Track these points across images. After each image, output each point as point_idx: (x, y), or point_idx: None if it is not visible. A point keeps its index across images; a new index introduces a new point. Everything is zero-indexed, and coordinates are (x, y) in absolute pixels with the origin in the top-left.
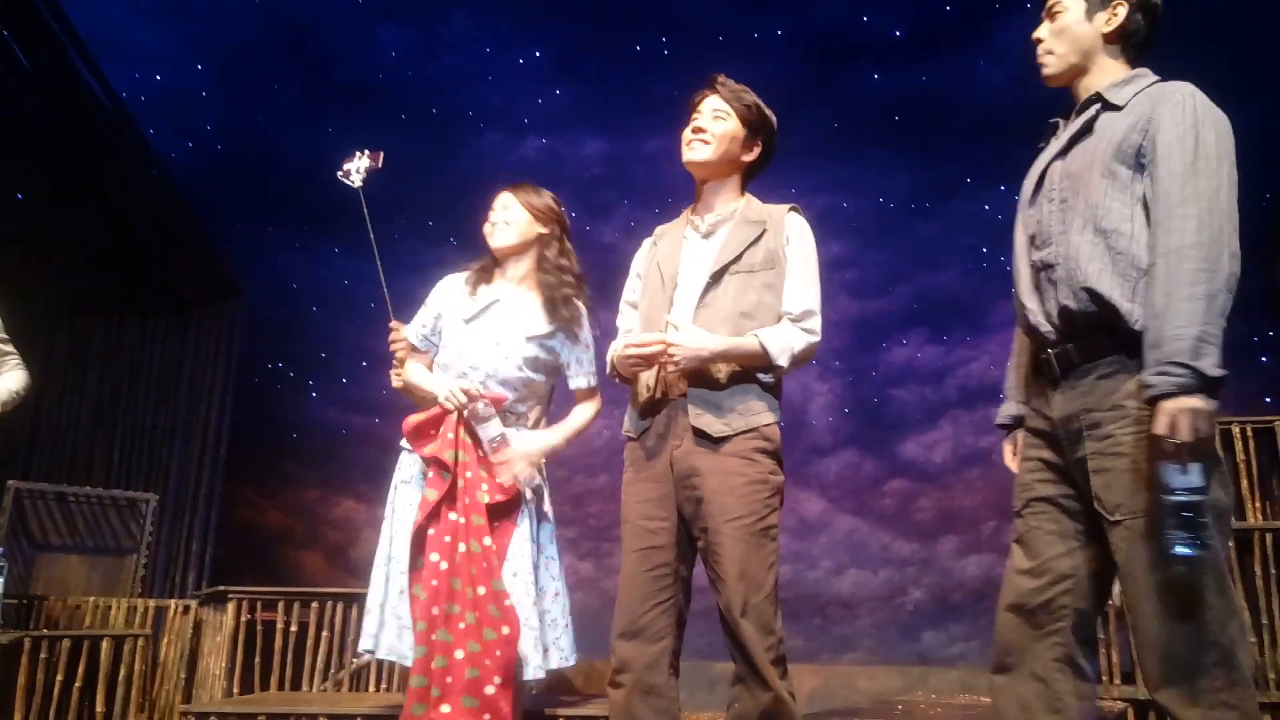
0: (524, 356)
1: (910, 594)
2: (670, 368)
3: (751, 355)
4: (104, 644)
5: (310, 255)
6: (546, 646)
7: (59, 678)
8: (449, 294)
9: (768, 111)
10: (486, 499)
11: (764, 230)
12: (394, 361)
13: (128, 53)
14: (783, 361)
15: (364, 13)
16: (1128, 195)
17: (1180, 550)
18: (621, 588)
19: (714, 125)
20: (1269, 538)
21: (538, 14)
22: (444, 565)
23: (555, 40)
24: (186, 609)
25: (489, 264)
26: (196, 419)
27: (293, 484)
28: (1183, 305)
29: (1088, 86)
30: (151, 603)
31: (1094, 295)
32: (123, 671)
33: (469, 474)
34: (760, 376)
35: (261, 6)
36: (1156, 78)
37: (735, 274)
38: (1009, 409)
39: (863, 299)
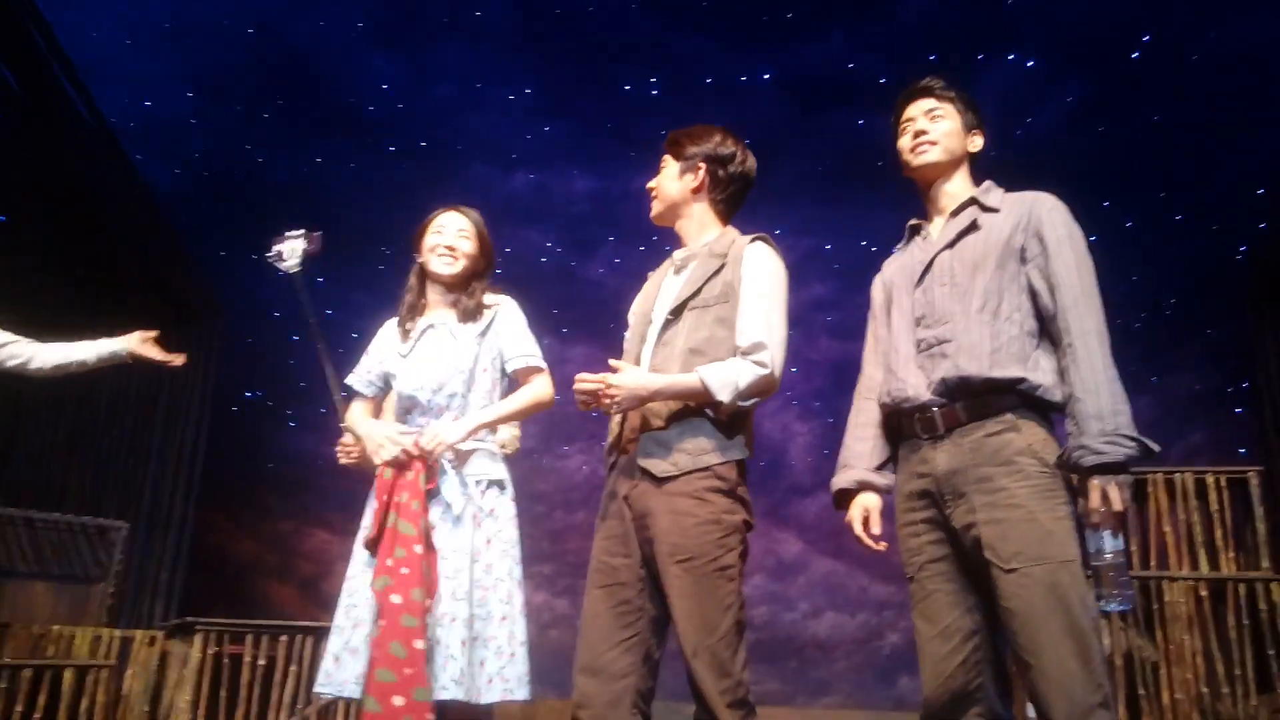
0: (462, 360)
1: (887, 637)
2: (612, 409)
3: (693, 392)
4: (66, 674)
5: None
6: (474, 674)
7: (19, 708)
8: (386, 338)
9: (700, 141)
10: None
11: (724, 263)
12: (338, 447)
13: (119, 77)
14: (723, 397)
15: (356, 43)
16: (1016, 285)
17: (1114, 607)
18: (584, 624)
19: (659, 181)
20: (1242, 588)
21: (529, 50)
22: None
23: (545, 76)
24: (153, 640)
25: (415, 299)
26: (171, 445)
27: (267, 514)
28: (1112, 384)
29: (950, 191)
30: (117, 633)
31: (992, 365)
32: (84, 703)
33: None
34: (709, 414)
35: (253, 35)
36: (1002, 189)
37: (693, 309)
38: (854, 475)
39: (844, 340)
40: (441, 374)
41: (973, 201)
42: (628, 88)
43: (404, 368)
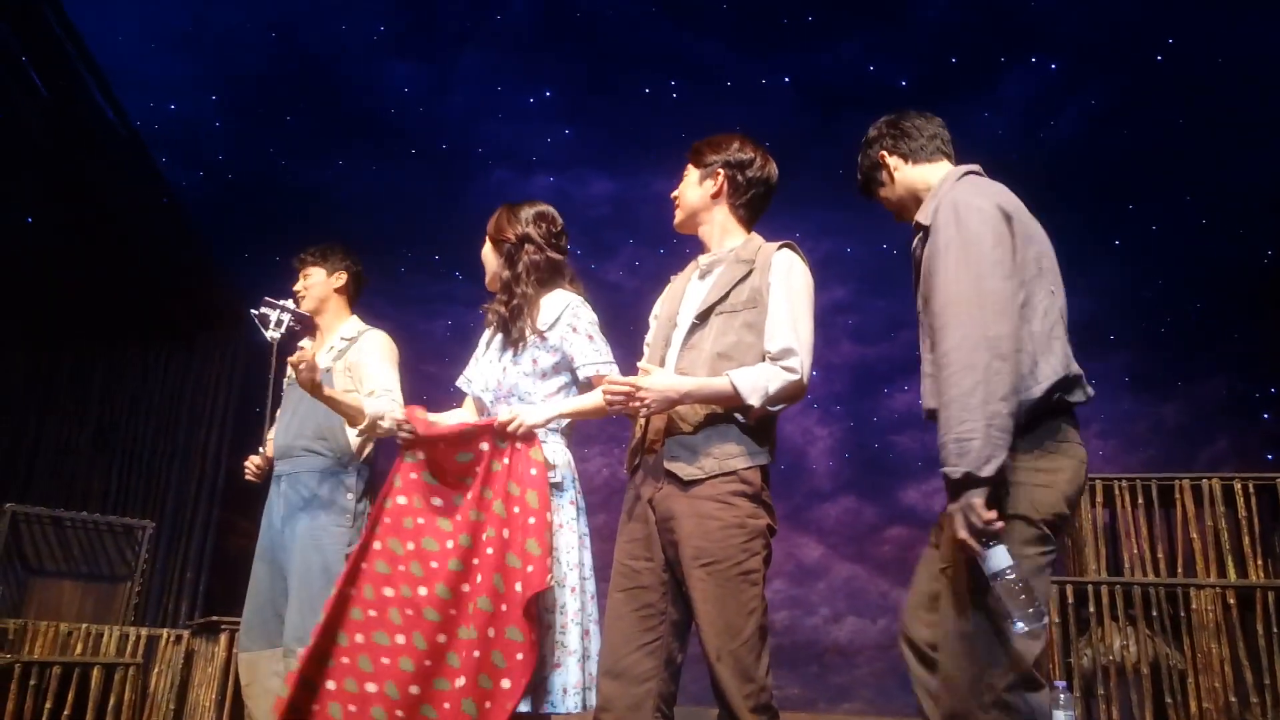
0: (523, 363)
1: None
2: (642, 412)
3: (723, 396)
4: (94, 672)
5: None
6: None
7: (48, 705)
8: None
9: (719, 147)
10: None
11: (751, 269)
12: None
13: (144, 83)
14: (753, 401)
15: (377, 48)
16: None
17: (1021, 627)
18: (606, 627)
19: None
20: (1271, 595)
21: (548, 54)
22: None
23: (565, 81)
24: (178, 638)
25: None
26: (195, 446)
27: None
28: (954, 403)
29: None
30: (144, 631)
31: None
32: (112, 700)
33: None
34: (738, 418)
35: (276, 40)
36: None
37: (720, 314)
38: None
39: (864, 344)
40: (505, 379)
41: (921, 227)
42: (647, 91)
43: (478, 368)
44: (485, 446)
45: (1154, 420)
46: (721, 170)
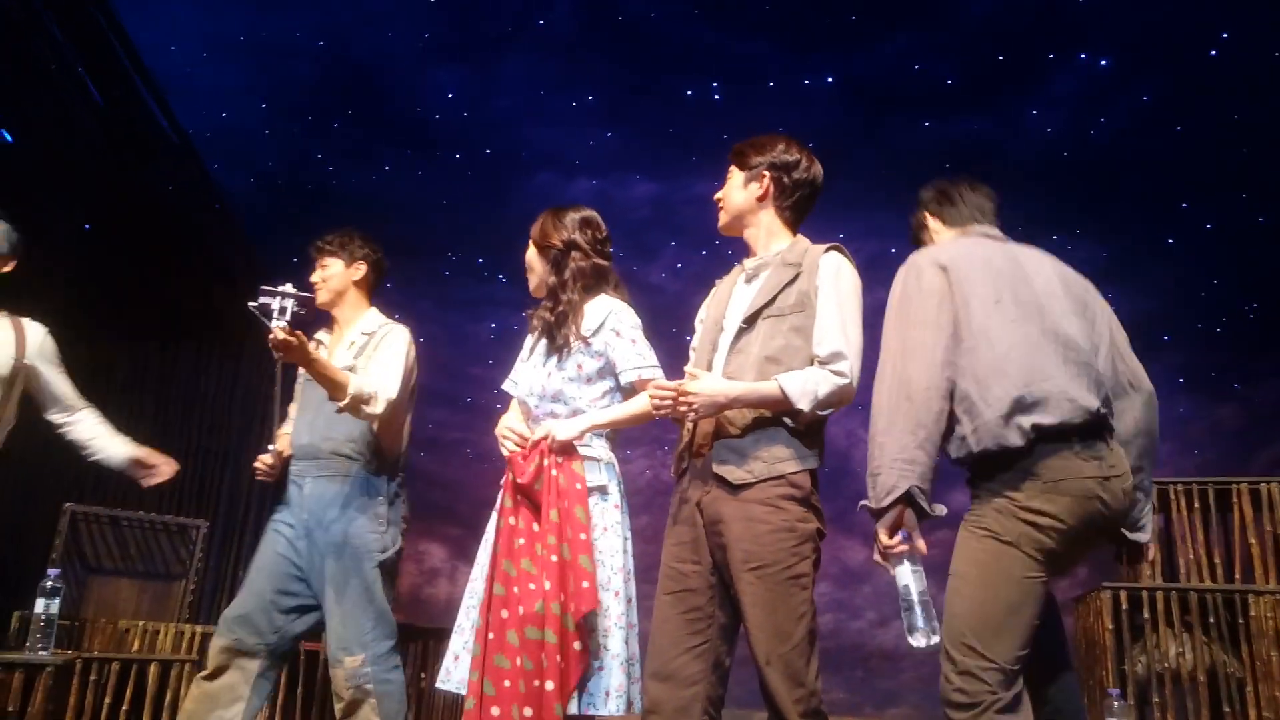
0: (567, 368)
1: None
2: (690, 416)
3: (772, 400)
4: (151, 668)
5: None
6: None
7: (107, 700)
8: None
9: (764, 149)
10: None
11: (799, 272)
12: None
13: (196, 92)
14: (803, 405)
15: (421, 55)
16: None
17: (918, 639)
18: (654, 630)
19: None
20: None
21: (590, 58)
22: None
23: (607, 83)
24: None
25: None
26: (248, 446)
27: None
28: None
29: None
30: (199, 628)
31: None
32: (169, 696)
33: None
34: (787, 422)
35: (324, 48)
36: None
37: (767, 318)
38: None
39: None
40: (549, 384)
41: None
42: (689, 93)
43: (522, 372)
44: (533, 466)
45: (1210, 423)
46: (767, 173)
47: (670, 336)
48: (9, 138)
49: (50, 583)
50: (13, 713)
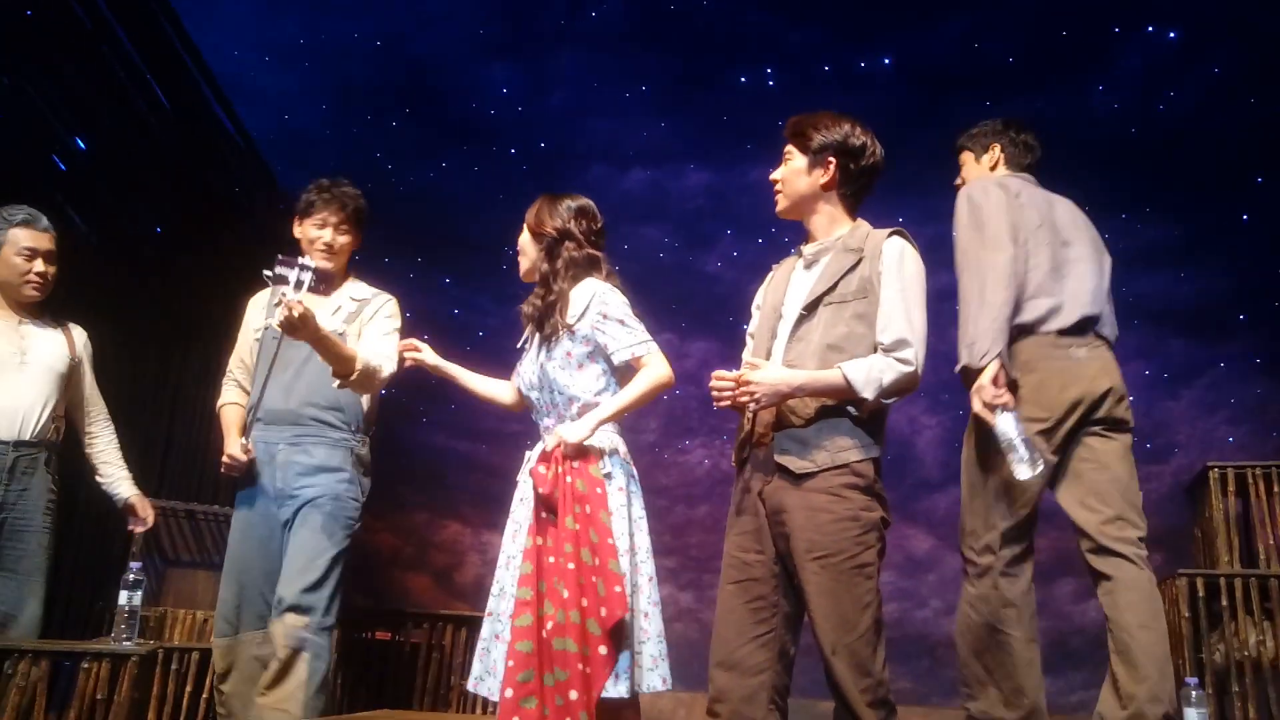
0: (556, 356)
1: None
2: (751, 405)
3: (835, 388)
4: None
5: (422, 284)
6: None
7: (188, 688)
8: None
9: (830, 133)
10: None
11: (860, 258)
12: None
13: (258, 94)
14: (868, 394)
15: (476, 52)
16: None
17: (1025, 471)
18: (718, 619)
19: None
20: None
21: (643, 49)
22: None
23: (660, 74)
24: None
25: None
26: None
27: (403, 507)
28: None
29: None
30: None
31: None
32: None
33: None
34: (851, 410)
35: (380, 49)
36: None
37: (829, 305)
38: None
39: None
40: (541, 372)
41: None
42: (743, 80)
43: (520, 362)
44: (551, 475)
45: None
46: (834, 159)
47: (727, 326)
48: (82, 145)
49: (132, 575)
50: (101, 700)
